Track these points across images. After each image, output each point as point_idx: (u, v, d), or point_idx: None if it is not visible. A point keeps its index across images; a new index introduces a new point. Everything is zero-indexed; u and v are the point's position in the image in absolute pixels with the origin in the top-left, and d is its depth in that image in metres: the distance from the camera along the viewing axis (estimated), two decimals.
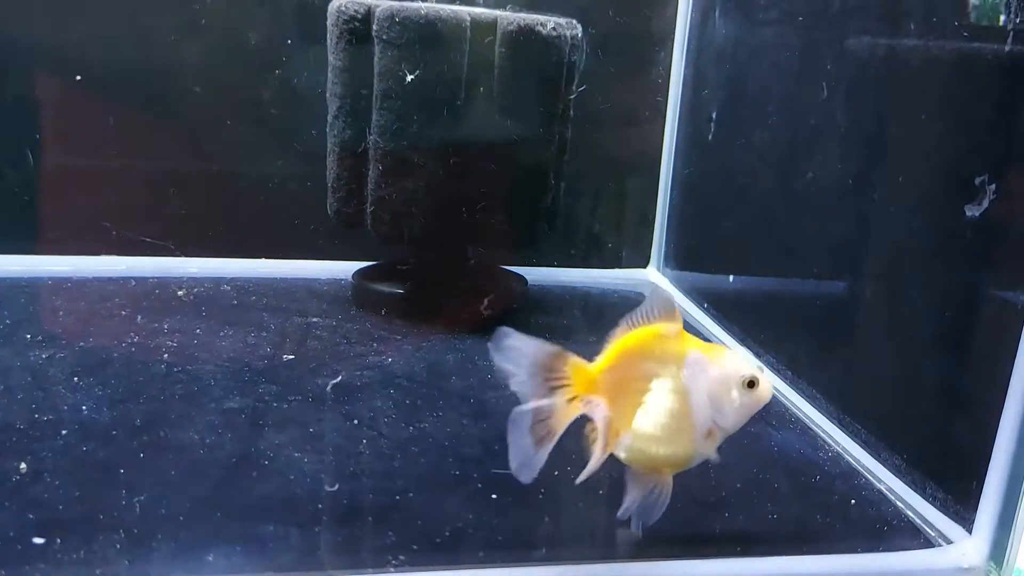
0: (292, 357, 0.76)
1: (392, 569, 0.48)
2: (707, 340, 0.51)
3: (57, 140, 0.95)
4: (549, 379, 0.48)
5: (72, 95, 0.93)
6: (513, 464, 0.48)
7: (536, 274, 1.02)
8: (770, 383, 0.49)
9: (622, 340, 0.49)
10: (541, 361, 0.48)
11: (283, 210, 1.00)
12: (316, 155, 0.91)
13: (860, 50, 0.68)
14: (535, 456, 0.48)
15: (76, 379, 0.68)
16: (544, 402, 0.48)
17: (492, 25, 0.82)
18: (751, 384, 0.48)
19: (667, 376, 0.49)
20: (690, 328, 0.88)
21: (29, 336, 0.75)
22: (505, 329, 0.49)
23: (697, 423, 0.49)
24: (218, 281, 0.95)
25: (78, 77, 0.92)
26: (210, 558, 0.48)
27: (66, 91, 0.93)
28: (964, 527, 0.55)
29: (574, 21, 0.86)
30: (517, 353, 0.48)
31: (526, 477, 0.48)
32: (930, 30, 0.61)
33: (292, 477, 0.56)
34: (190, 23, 0.94)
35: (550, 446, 0.48)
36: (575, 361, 0.49)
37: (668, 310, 0.49)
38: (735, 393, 0.48)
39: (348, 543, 0.50)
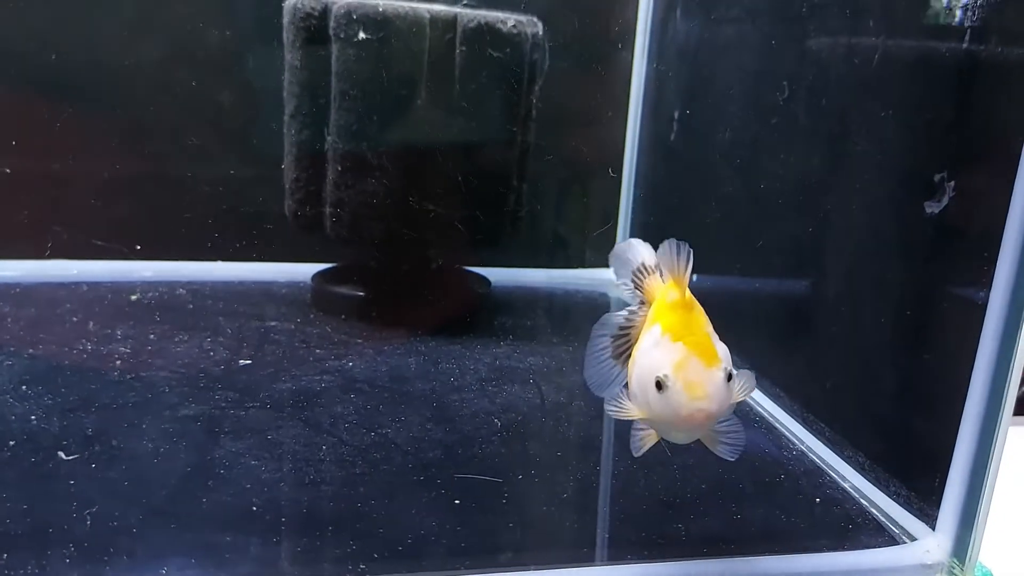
0: (249, 362, 0.74)
1: None
2: None
3: (3, 141, 0.92)
4: (635, 285, 0.50)
5: (21, 96, 0.90)
6: (586, 375, 0.50)
7: (499, 275, 1.01)
8: (682, 392, 0.42)
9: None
10: (636, 266, 0.50)
11: (239, 212, 0.98)
12: (272, 156, 0.90)
13: (821, 49, 0.69)
14: (609, 373, 0.49)
15: (24, 388, 0.66)
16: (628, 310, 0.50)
17: (452, 22, 0.81)
18: (658, 385, 0.43)
19: (639, 338, 0.47)
20: None
21: None
22: (630, 240, 0.51)
23: (634, 396, 0.45)
24: (173, 285, 0.93)
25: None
26: (164, 571, 0.46)
27: (14, 92, 0.90)
28: (928, 524, 0.55)
29: (535, 19, 0.85)
30: (623, 260, 0.51)
31: (598, 391, 0.49)
32: (891, 28, 0.61)
33: (248, 486, 0.55)
34: (141, 22, 0.92)
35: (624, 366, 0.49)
36: (656, 279, 0.49)
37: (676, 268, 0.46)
38: (653, 388, 0.43)
39: (307, 553, 0.49)
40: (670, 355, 0.43)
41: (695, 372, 0.43)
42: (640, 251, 0.51)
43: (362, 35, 0.79)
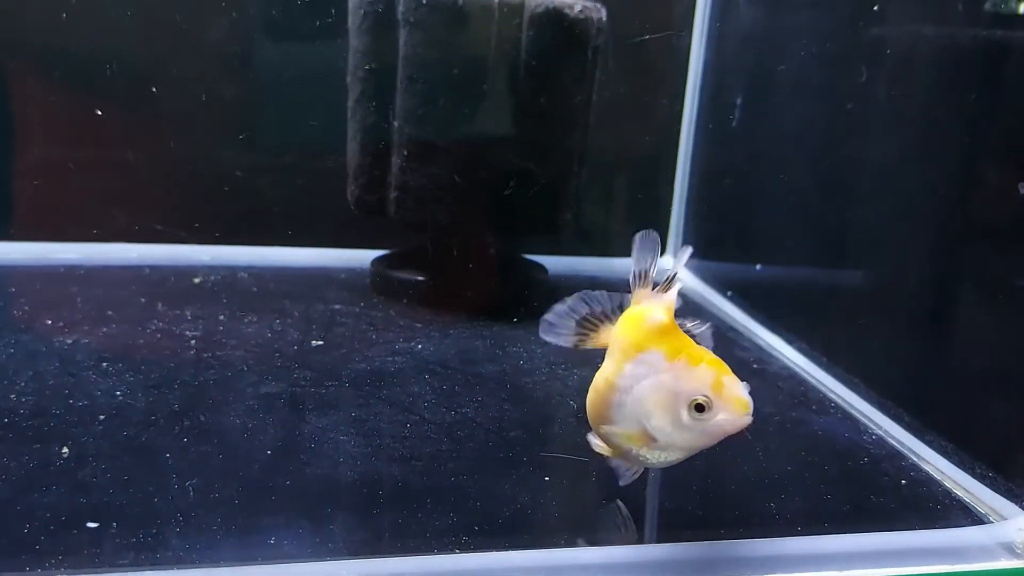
0: (321, 343, 0.75)
1: (457, 550, 0.47)
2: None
3: (64, 128, 0.93)
4: None
5: (86, 83, 0.91)
6: (547, 318, 0.50)
7: (554, 262, 1.01)
8: (733, 411, 0.43)
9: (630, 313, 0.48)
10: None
11: (298, 198, 0.98)
12: (333, 141, 0.90)
13: (904, 33, 0.68)
14: (566, 334, 0.50)
15: (105, 365, 0.66)
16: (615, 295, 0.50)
17: (519, 7, 0.81)
18: (700, 408, 0.43)
19: (614, 362, 0.47)
20: (713, 317, 0.89)
21: (50, 322, 0.74)
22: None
23: (622, 421, 0.46)
24: (233, 269, 0.94)
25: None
26: (271, 541, 0.47)
27: (79, 79, 0.91)
28: (1017, 503, 0.56)
29: (599, 4, 0.85)
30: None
31: (543, 333, 0.50)
32: (976, 13, 0.61)
33: (341, 460, 0.55)
34: (196, 9, 0.92)
35: (577, 342, 0.50)
36: (641, 292, 0.48)
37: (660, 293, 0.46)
38: (684, 412, 0.43)
39: (409, 525, 0.49)
40: (701, 378, 0.44)
41: (736, 389, 0.44)
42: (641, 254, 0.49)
43: (430, 20, 0.79)
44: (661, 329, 0.45)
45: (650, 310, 0.46)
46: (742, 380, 0.45)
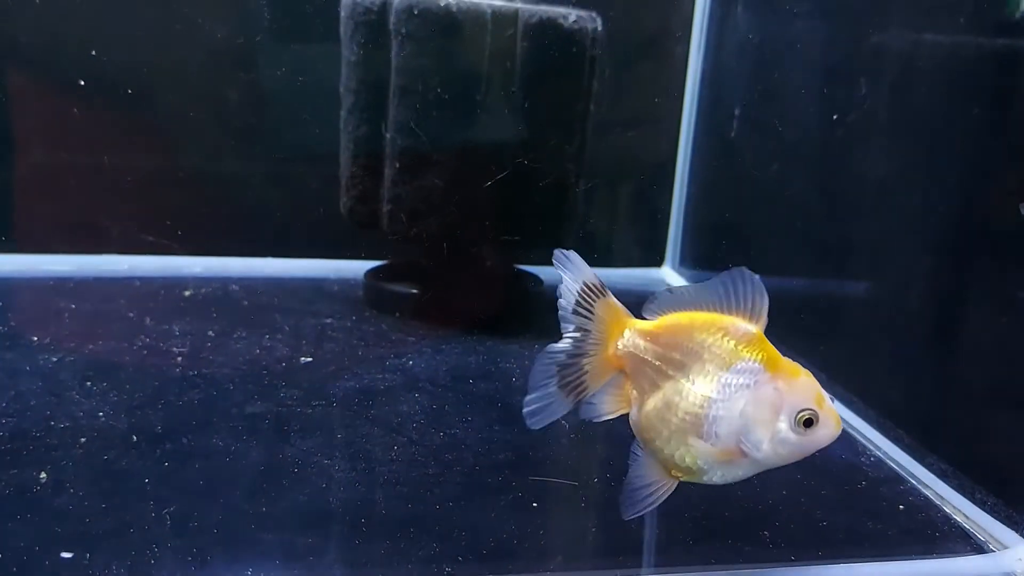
0: (310, 360, 0.74)
1: None
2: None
3: (54, 136, 0.92)
4: (581, 311, 0.48)
5: (76, 92, 0.90)
6: (528, 406, 0.47)
7: (550, 274, 1.00)
8: (834, 426, 0.42)
9: (689, 313, 0.45)
10: (583, 287, 0.47)
11: (290, 209, 0.97)
12: (325, 152, 0.89)
13: (905, 44, 0.67)
14: (558, 404, 0.47)
15: (89, 384, 0.65)
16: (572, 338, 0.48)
17: (513, 18, 0.79)
18: (808, 423, 0.41)
19: (703, 373, 0.43)
20: None
21: (36, 339, 0.73)
22: (567, 253, 0.48)
23: (715, 438, 0.43)
24: (225, 281, 0.93)
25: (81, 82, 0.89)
26: (248, 572, 0.46)
27: (68, 88, 0.90)
28: (1018, 531, 0.54)
29: (594, 14, 0.84)
30: (570, 274, 0.48)
31: (536, 424, 0.47)
32: (982, 20, 0.60)
33: (324, 485, 0.54)
34: (190, 18, 0.91)
35: (576, 399, 0.47)
36: (610, 303, 0.47)
37: (756, 307, 0.43)
38: (784, 426, 0.42)
39: (391, 555, 0.48)
40: (805, 391, 0.42)
41: (830, 403, 0.43)
42: (582, 268, 0.48)
43: (422, 31, 0.78)
44: (755, 337, 0.43)
45: (738, 320, 0.44)
46: None
